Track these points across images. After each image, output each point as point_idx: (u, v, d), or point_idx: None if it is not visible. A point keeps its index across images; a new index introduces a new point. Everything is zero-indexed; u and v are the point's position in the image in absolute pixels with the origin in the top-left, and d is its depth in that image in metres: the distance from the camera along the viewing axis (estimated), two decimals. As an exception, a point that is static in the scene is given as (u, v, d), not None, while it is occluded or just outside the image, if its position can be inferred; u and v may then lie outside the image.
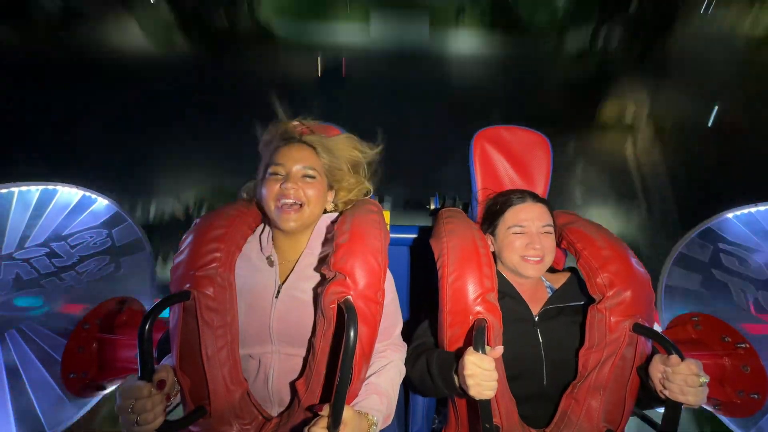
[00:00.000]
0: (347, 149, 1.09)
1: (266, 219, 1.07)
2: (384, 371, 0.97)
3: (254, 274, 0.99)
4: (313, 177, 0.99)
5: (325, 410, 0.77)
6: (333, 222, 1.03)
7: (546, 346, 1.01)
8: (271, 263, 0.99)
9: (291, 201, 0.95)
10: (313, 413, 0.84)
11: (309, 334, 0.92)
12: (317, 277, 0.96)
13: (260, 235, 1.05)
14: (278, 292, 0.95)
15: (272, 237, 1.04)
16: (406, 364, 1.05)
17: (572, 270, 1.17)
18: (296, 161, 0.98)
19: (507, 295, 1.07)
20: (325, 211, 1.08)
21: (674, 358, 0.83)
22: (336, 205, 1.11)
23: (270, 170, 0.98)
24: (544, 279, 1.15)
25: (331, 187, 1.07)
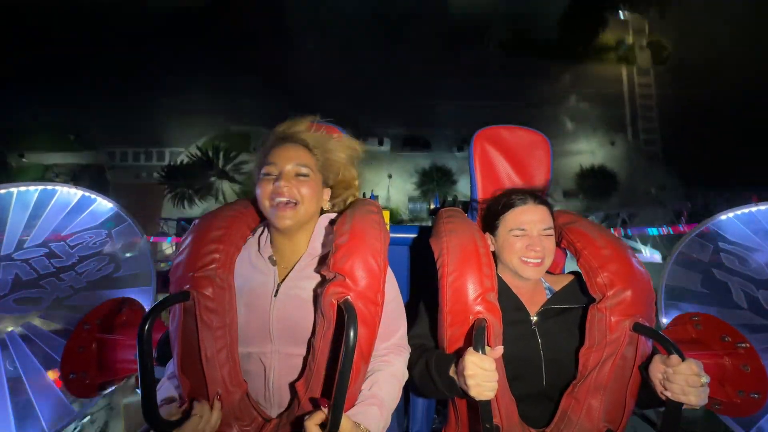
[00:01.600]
0: (342, 147, 1.07)
1: (264, 221, 1.06)
2: (386, 379, 0.96)
3: (253, 274, 0.98)
4: (306, 175, 0.97)
5: (325, 409, 0.77)
6: (332, 222, 1.02)
7: (544, 346, 1.01)
8: (273, 262, 0.99)
9: (285, 199, 0.94)
10: (315, 405, 0.84)
11: (309, 333, 0.92)
12: (317, 277, 0.95)
13: (259, 236, 1.04)
14: (277, 291, 0.95)
15: (271, 238, 1.02)
16: (407, 365, 1.04)
17: (575, 273, 1.17)
18: (288, 160, 0.97)
19: (505, 298, 1.06)
20: (323, 211, 1.07)
21: (674, 358, 0.82)
22: (334, 205, 1.10)
23: (263, 170, 0.97)
24: (543, 280, 1.15)
25: (327, 185, 1.05)
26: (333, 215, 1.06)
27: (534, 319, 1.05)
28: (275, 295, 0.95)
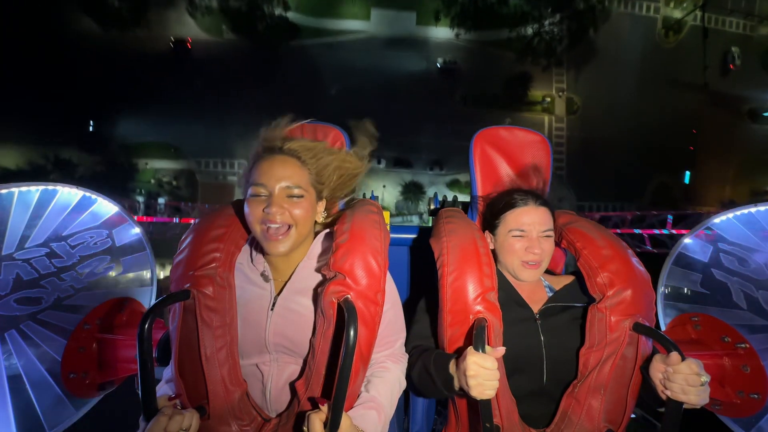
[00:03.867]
0: (338, 159, 0.99)
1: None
2: (385, 385, 0.95)
3: (249, 286, 0.96)
4: (300, 196, 0.90)
5: (325, 408, 0.77)
6: (329, 234, 0.99)
7: (547, 343, 1.02)
8: (266, 279, 0.97)
9: (277, 225, 0.88)
10: (314, 405, 0.84)
11: (306, 344, 0.91)
12: (313, 289, 0.94)
13: (251, 247, 1.00)
14: (273, 304, 0.94)
15: (263, 252, 0.98)
16: (406, 368, 1.04)
17: (575, 273, 1.17)
18: (279, 179, 0.89)
19: (507, 294, 1.07)
20: (316, 223, 1.02)
21: (674, 356, 0.82)
22: (328, 215, 1.05)
23: (252, 190, 0.90)
24: (543, 279, 1.15)
25: (320, 197, 0.98)
26: (327, 230, 1.01)
27: (537, 315, 1.05)
28: (272, 309, 0.93)
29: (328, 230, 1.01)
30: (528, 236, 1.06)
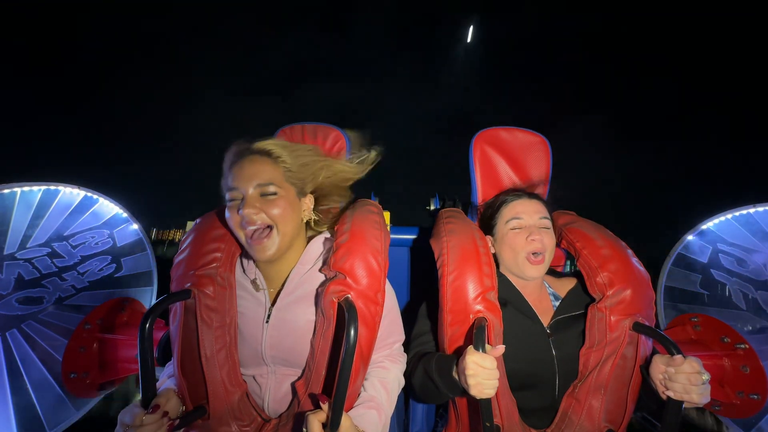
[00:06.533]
0: (314, 148, 0.95)
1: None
2: (384, 385, 0.95)
3: (244, 294, 0.95)
4: (273, 193, 0.87)
5: (325, 407, 0.77)
6: (326, 239, 0.98)
7: (559, 358, 1.01)
8: (257, 287, 0.95)
9: (255, 227, 0.86)
10: (314, 402, 0.84)
11: (305, 355, 0.90)
12: (310, 299, 0.92)
13: (241, 256, 0.98)
14: (269, 315, 0.92)
15: (254, 260, 0.96)
16: (406, 371, 1.04)
17: (576, 275, 1.17)
18: (250, 179, 0.86)
19: (515, 306, 1.05)
20: (309, 225, 1.00)
21: (678, 357, 0.82)
22: (319, 219, 1.01)
23: (228, 196, 0.88)
24: (547, 285, 1.14)
25: (304, 193, 0.95)
26: (326, 236, 0.99)
27: (548, 330, 1.04)
28: (267, 321, 0.92)
29: (323, 235, 0.99)
30: (526, 225, 1.06)
